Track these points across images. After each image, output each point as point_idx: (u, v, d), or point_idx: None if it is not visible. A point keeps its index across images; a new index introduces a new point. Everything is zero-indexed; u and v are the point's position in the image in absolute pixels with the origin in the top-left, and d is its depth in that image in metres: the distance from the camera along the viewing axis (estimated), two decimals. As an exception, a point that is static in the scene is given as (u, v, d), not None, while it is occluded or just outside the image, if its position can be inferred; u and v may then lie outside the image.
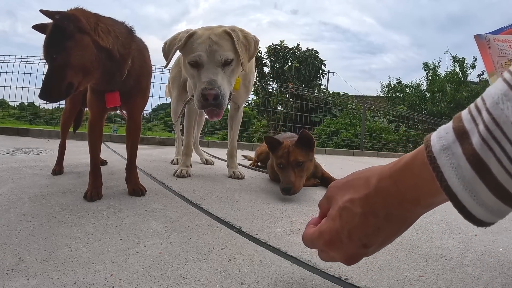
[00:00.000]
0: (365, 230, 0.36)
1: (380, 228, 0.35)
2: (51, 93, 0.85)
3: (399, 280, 0.58)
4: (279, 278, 0.56)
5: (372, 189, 0.35)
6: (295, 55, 10.27)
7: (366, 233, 0.36)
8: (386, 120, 7.83)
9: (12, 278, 0.49)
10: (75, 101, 1.35)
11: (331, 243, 0.39)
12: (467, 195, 0.26)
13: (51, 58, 0.85)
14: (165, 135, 4.97)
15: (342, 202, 0.38)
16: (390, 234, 0.37)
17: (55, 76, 0.84)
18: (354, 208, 0.36)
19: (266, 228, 0.83)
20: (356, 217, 0.36)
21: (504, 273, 0.65)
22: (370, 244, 0.37)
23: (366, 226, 0.36)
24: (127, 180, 1.11)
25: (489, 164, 0.24)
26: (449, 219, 1.09)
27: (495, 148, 0.24)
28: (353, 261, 0.40)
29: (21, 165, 1.48)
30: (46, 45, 0.86)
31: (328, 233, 0.39)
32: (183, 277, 0.54)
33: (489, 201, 0.25)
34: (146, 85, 1.11)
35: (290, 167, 1.19)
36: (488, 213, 0.26)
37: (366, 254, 0.39)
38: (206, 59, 1.15)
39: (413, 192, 0.32)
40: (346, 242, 0.37)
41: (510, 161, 0.23)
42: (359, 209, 0.36)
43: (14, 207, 0.84)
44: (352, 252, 0.38)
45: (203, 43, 1.16)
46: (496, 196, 0.25)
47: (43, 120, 5.18)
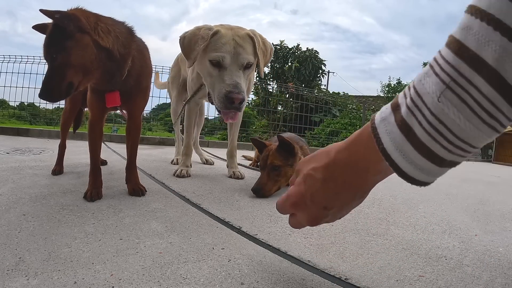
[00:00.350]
0: (325, 194, 0.42)
1: (338, 193, 0.41)
2: (52, 93, 0.84)
3: (399, 280, 0.58)
4: (279, 278, 0.56)
5: (332, 159, 0.41)
6: (295, 55, 10.27)
7: (327, 197, 0.42)
8: (386, 120, 7.83)
9: (12, 278, 0.49)
10: (75, 101, 1.35)
11: (296, 205, 0.45)
12: (398, 154, 0.32)
13: (51, 57, 0.85)
14: (165, 135, 4.97)
15: (307, 170, 0.44)
16: (347, 199, 0.42)
17: (55, 76, 0.84)
18: (317, 174, 0.42)
19: (266, 228, 0.83)
20: (318, 182, 0.42)
21: (504, 273, 0.65)
22: (330, 207, 0.42)
23: (326, 190, 0.41)
24: (127, 180, 1.11)
25: (413, 127, 0.30)
26: (449, 219, 1.09)
27: (417, 114, 0.30)
28: (315, 222, 0.45)
29: (21, 165, 1.48)
30: (46, 44, 0.86)
31: (294, 196, 0.45)
32: (183, 277, 0.54)
33: (416, 159, 0.31)
34: (146, 85, 1.11)
35: (266, 170, 1.21)
36: (418, 171, 0.32)
37: (327, 217, 0.44)
38: (230, 61, 1.15)
39: (363, 161, 0.38)
40: (310, 204, 0.43)
41: (429, 124, 0.29)
42: (320, 176, 0.42)
43: (14, 207, 0.84)
44: (315, 214, 0.44)
45: (227, 44, 1.16)
46: (421, 155, 0.30)
47: (43, 120, 5.18)
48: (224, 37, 1.17)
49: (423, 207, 1.25)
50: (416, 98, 0.30)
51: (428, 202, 1.36)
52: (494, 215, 1.23)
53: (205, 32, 1.16)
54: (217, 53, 1.15)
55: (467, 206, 1.37)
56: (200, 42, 1.15)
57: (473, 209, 1.32)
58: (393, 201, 1.30)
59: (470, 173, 3.42)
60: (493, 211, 1.32)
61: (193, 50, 1.17)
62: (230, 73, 1.14)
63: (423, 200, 1.39)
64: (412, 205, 1.26)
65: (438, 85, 0.28)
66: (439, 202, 1.40)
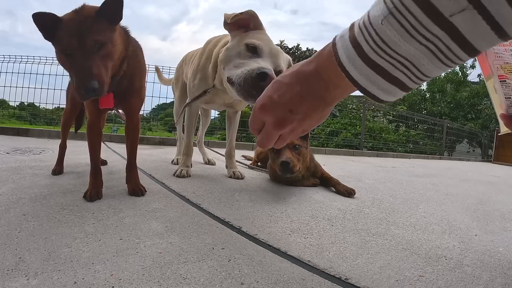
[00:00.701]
0: (291, 96, 0.45)
1: (303, 97, 0.44)
2: (103, 85, 0.79)
3: (399, 280, 0.58)
4: (279, 278, 0.56)
5: (298, 69, 0.45)
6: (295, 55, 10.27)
7: (292, 99, 0.45)
8: (386, 120, 7.84)
9: (12, 278, 0.49)
10: (75, 101, 1.35)
11: (263, 107, 0.48)
12: (351, 66, 0.36)
13: (93, 46, 0.80)
14: (165, 135, 4.97)
15: (276, 78, 0.48)
16: (311, 106, 0.45)
17: (101, 67, 0.80)
18: (284, 80, 0.46)
19: (266, 228, 0.83)
20: (285, 86, 0.46)
21: (504, 273, 0.65)
22: (296, 111, 0.45)
23: (292, 92, 0.45)
24: (127, 180, 1.11)
25: (361, 43, 0.35)
26: (449, 219, 1.09)
27: (365, 33, 0.35)
28: (281, 124, 0.47)
29: (21, 165, 1.48)
30: (87, 31, 0.80)
31: (262, 99, 0.48)
32: (183, 277, 0.54)
33: (365, 71, 0.36)
34: (140, 85, 1.09)
35: (286, 148, 1.21)
36: (368, 82, 0.36)
37: (293, 122, 0.47)
38: (267, 55, 1.10)
39: (325, 73, 0.42)
40: (276, 105, 0.46)
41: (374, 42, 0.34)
42: (287, 80, 0.46)
43: (14, 207, 0.84)
44: (281, 115, 0.46)
45: (269, 41, 1.15)
46: (369, 67, 0.35)
47: (43, 120, 5.18)
48: (267, 36, 1.17)
49: (423, 207, 1.25)
50: (366, 19, 0.35)
51: (428, 202, 1.36)
52: (494, 215, 1.23)
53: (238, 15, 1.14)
54: (258, 41, 1.10)
55: (467, 206, 1.37)
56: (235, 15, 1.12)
57: (473, 209, 1.32)
58: (393, 201, 1.30)
59: (470, 173, 3.42)
60: (493, 211, 1.32)
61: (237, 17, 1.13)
62: (266, 60, 1.06)
63: (423, 200, 1.39)
64: (412, 205, 1.26)
65: (383, 10, 0.33)
66: (439, 202, 1.40)
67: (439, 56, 0.33)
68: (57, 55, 0.86)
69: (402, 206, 1.22)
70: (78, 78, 0.79)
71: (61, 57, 0.84)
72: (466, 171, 3.56)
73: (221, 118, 8.61)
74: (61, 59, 0.85)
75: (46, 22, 0.80)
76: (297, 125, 0.48)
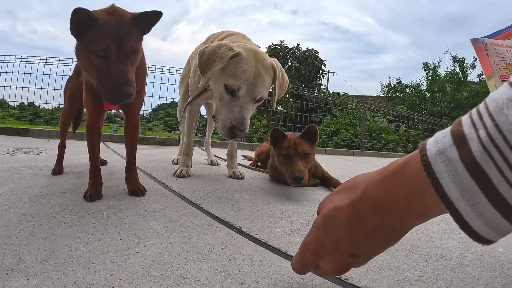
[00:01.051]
0: (352, 239, 0.34)
1: (368, 237, 0.33)
2: (133, 90, 0.81)
3: (399, 280, 0.58)
4: (279, 278, 0.56)
5: (359, 196, 0.33)
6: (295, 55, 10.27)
7: (353, 243, 0.34)
8: (386, 120, 7.84)
9: (12, 278, 0.49)
10: (73, 101, 1.35)
11: (317, 253, 0.37)
12: (465, 204, 0.25)
13: (127, 52, 0.81)
14: (165, 135, 4.97)
15: (327, 210, 0.36)
16: (379, 244, 0.35)
17: (131, 72, 0.82)
18: (340, 215, 0.34)
19: (266, 228, 0.83)
20: (342, 226, 0.34)
21: (504, 273, 0.65)
22: (359, 254, 0.35)
23: (352, 235, 0.34)
24: (126, 180, 1.11)
25: (489, 173, 0.23)
26: (449, 219, 1.09)
27: (496, 157, 0.22)
28: (342, 271, 0.38)
29: (21, 165, 1.48)
30: (125, 36, 0.80)
31: (313, 242, 0.38)
32: (183, 277, 0.54)
33: (488, 213, 0.24)
34: (141, 86, 1.10)
35: (298, 158, 1.20)
36: (486, 227, 0.25)
37: (356, 264, 0.37)
38: (244, 92, 1.11)
39: (404, 201, 0.30)
40: (332, 251, 0.36)
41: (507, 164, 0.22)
42: (344, 217, 0.34)
43: (14, 207, 0.84)
44: (340, 262, 0.36)
45: (247, 72, 1.10)
46: (496, 208, 0.23)
47: (43, 120, 5.18)
48: (246, 63, 1.11)
49: (423, 207, 1.25)
50: (495, 134, 0.22)
51: (428, 202, 1.36)
52: (494, 215, 1.23)
53: (224, 52, 1.10)
54: (234, 81, 1.10)
55: (467, 206, 1.37)
56: (217, 62, 1.09)
57: (473, 209, 1.32)
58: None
59: (470, 173, 3.42)
60: (493, 211, 1.32)
61: (209, 69, 1.11)
62: (241, 104, 1.11)
63: (423, 200, 1.39)
64: (412, 205, 1.26)
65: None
66: (439, 202, 1.39)
67: None
68: (82, 53, 0.84)
69: (402, 206, 1.22)
70: (112, 82, 0.79)
71: (90, 57, 0.82)
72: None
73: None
74: (88, 58, 0.83)
75: (84, 19, 0.79)
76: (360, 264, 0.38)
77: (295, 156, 1.20)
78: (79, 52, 0.86)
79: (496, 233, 0.25)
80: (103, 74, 0.82)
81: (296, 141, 1.22)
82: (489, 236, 0.26)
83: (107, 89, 0.81)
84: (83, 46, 0.83)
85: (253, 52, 1.16)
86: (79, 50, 0.86)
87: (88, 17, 0.78)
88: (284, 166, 1.23)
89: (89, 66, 0.85)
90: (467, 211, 0.25)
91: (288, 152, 1.21)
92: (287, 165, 1.21)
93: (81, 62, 0.87)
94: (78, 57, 0.87)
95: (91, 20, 0.79)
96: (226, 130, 1.12)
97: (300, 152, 1.21)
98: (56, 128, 3.76)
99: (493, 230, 0.25)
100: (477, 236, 0.26)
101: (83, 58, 0.85)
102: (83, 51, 0.84)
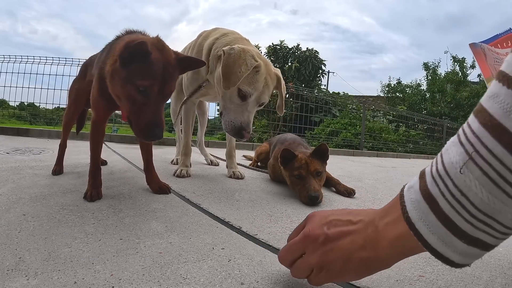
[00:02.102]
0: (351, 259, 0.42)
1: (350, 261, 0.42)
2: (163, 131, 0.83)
3: (399, 280, 0.58)
4: (279, 278, 0.56)
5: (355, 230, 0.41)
6: (295, 55, 10.28)
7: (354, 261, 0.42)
8: (386, 120, 7.84)
9: (12, 278, 0.49)
10: (78, 102, 1.35)
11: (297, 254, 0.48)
12: (423, 224, 0.31)
13: (165, 93, 0.83)
14: (165, 135, 4.97)
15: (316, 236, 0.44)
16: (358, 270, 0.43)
17: (163, 113, 0.85)
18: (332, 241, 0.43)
19: (266, 228, 0.83)
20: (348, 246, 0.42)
21: (504, 273, 0.65)
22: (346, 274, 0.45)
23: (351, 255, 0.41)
24: (148, 181, 1.13)
25: (436, 197, 0.30)
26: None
27: (440, 184, 0.29)
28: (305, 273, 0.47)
29: (21, 165, 1.48)
30: (171, 78, 0.83)
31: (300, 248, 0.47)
32: (183, 277, 0.54)
33: (441, 232, 0.30)
34: None
35: (311, 177, 1.18)
36: (444, 246, 0.30)
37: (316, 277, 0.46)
38: (254, 99, 1.22)
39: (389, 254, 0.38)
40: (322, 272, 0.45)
41: (451, 195, 0.28)
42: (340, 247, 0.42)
43: (14, 207, 0.84)
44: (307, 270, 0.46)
45: (259, 82, 1.21)
46: (446, 227, 0.29)
47: (43, 120, 5.18)
48: (261, 75, 1.21)
49: (423, 207, 1.24)
50: (441, 167, 0.30)
51: (428, 202, 1.36)
52: (494, 215, 1.23)
53: (251, 61, 1.18)
54: (249, 88, 1.18)
55: (467, 206, 1.37)
56: (243, 69, 1.16)
57: (473, 209, 1.32)
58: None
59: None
60: (493, 211, 1.31)
61: (234, 73, 1.15)
62: (250, 109, 1.22)
63: (423, 200, 1.39)
64: (412, 205, 1.25)
65: (461, 155, 0.28)
66: (439, 202, 1.39)
67: None
68: (121, 80, 0.81)
69: (402, 206, 1.22)
70: (146, 120, 0.80)
71: (128, 87, 0.80)
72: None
73: (221, 118, 8.60)
74: (126, 87, 0.81)
75: (140, 50, 0.77)
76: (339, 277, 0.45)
77: (308, 175, 1.18)
78: (116, 76, 0.83)
79: (457, 254, 0.30)
80: (138, 109, 0.81)
81: (308, 161, 1.21)
82: (454, 258, 0.31)
83: (139, 126, 0.81)
84: (125, 74, 0.80)
85: (265, 63, 1.26)
86: (117, 75, 0.82)
87: (143, 50, 0.77)
88: (297, 186, 1.20)
89: (124, 95, 0.83)
90: (425, 230, 0.31)
91: (300, 173, 1.19)
92: (300, 185, 1.18)
93: (115, 86, 0.84)
94: (113, 79, 0.84)
95: (144, 53, 0.78)
96: (236, 130, 1.20)
97: (313, 171, 1.19)
98: (56, 128, 3.76)
99: (451, 250, 0.30)
100: (444, 259, 0.32)
101: (120, 85, 0.82)
102: (123, 78, 0.81)
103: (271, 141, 1.89)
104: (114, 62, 0.83)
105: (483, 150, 0.26)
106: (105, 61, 0.91)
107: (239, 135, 1.21)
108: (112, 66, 0.83)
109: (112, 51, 0.87)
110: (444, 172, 0.29)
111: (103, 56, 0.97)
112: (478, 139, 0.27)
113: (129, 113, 0.83)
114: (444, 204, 0.29)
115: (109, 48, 0.94)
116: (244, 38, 1.40)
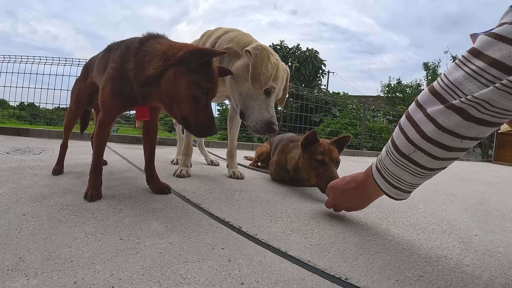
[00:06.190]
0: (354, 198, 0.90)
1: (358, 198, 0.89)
2: None
3: (399, 280, 0.58)
4: (279, 278, 0.56)
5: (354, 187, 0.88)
6: (295, 55, 10.28)
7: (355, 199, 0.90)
8: (386, 120, 7.84)
9: (12, 278, 0.49)
10: (80, 102, 1.35)
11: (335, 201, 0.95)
12: (377, 179, 0.76)
13: (214, 95, 0.96)
14: (165, 135, 4.96)
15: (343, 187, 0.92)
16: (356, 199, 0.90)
17: None
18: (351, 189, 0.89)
19: (266, 228, 0.83)
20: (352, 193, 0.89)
21: (504, 273, 0.65)
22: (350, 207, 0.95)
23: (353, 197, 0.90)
24: (149, 180, 1.13)
25: (380, 169, 0.75)
26: (449, 219, 1.09)
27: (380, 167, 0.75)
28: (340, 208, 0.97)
29: (21, 165, 1.48)
30: (217, 83, 0.97)
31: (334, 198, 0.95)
32: (183, 277, 0.54)
33: (383, 182, 0.74)
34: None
35: (332, 164, 1.20)
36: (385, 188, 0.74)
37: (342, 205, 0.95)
38: (275, 93, 1.27)
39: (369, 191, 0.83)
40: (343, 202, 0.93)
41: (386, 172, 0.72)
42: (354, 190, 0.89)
43: (14, 207, 0.84)
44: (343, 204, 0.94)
45: (280, 78, 1.27)
46: (384, 180, 0.73)
47: (43, 120, 5.18)
48: (279, 70, 1.25)
49: (423, 207, 1.25)
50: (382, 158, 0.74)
51: (428, 202, 1.36)
52: (494, 215, 1.23)
53: (274, 60, 1.22)
54: (274, 84, 1.22)
55: (467, 206, 1.37)
56: (270, 68, 1.18)
57: (473, 209, 1.32)
58: (393, 201, 1.30)
59: (470, 173, 3.42)
60: (493, 211, 1.32)
61: (263, 73, 1.17)
62: (271, 103, 1.25)
63: (423, 200, 1.39)
64: (412, 205, 1.26)
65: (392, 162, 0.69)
66: (439, 202, 1.40)
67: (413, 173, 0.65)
68: (186, 83, 0.88)
69: (402, 206, 1.22)
70: (206, 119, 0.92)
71: (193, 89, 0.88)
72: (466, 171, 3.56)
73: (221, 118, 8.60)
74: (191, 89, 0.88)
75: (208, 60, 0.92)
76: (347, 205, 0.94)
77: (330, 162, 1.19)
78: (182, 79, 0.88)
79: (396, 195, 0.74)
80: (200, 109, 0.91)
81: (330, 148, 1.22)
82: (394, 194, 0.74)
83: (199, 122, 0.91)
84: (193, 78, 0.88)
85: (279, 60, 1.30)
86: (183, 78, 0.88)
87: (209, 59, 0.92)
88: (316, 171, 1.20)
89: (189, 96, 0.89)
90: (381, 181, 0.75)
91: (323, 158, 1.20)
92: (320, 170, 1.19)
93: (176, 87, 0.89)
94: (176, 82, 0.88)
95: (209, 61, 0.93)
96: (266, 126, 1.22)
97: (334, 158, 1.20)
98: (56, 128, 3.76)
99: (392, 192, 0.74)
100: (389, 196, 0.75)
101: (184, 87, 0.88)
102: (189, 81, 0.88)
103: (272, 141, 1.89)
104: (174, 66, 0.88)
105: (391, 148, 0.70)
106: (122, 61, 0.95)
107: (270, 130, 1.22)
108: (175, 70, 0.88)
109: (149, 55, 0.92)
110: (382, 164, 0.73)
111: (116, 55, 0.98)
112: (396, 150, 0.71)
113: (189, 113, 0.91)
114: (383, 171, 0.73)
115: (135, 51, 0.94)
116: (246, 34, 1.40)
